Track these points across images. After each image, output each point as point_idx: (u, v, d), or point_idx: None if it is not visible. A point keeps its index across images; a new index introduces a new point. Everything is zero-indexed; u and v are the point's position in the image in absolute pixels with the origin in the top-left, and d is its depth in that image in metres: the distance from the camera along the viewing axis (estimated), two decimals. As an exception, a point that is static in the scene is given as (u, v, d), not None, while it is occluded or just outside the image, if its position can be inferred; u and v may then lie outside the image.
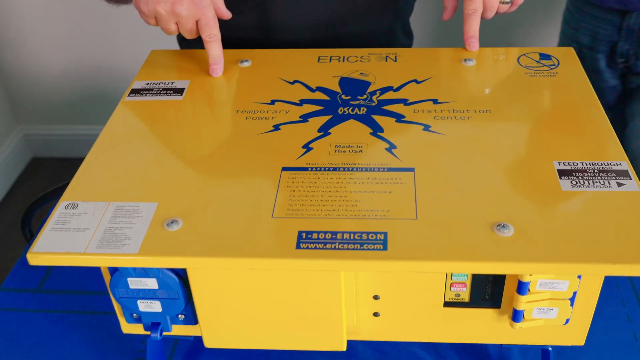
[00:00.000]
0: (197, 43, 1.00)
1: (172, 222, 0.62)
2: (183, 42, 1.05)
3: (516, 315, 0.64)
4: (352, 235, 0.60)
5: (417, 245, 0.59)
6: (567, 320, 0.65)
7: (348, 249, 0.59)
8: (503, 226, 0.60)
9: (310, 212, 0.63)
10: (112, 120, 0.77)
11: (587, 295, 0.64)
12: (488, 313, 0.66)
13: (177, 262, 0.60)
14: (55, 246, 0.61)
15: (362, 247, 0.59)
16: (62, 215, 0.64)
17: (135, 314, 0.69)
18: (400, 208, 0.63)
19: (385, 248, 0.59)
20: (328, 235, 0.61)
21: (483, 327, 0.67)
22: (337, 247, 0.60)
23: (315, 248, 0.59)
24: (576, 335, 0.67)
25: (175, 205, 0.65)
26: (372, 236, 0.60)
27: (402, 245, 0.59)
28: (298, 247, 0.60)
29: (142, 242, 0.61)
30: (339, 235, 0.61)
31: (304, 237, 0.61)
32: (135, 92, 0.82)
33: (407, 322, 0.68)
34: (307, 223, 0.62)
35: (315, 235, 0.61)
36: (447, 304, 0.66)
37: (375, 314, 0.67)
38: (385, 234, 0.60)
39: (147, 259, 0.60)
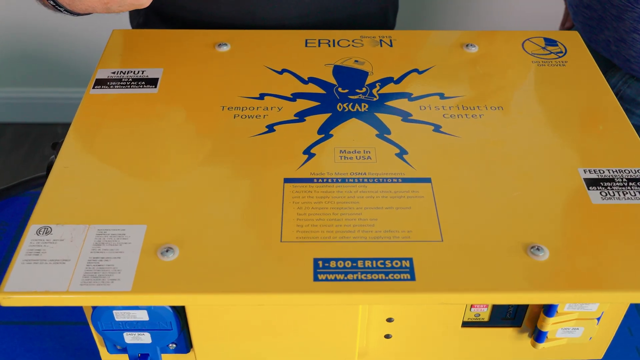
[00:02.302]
0: (156, 26, 0.89)
1: (167, 251, 0.54)
2: (141, 27, 0.93)
3: (540, 336, 0.60)
4: (374, 262, 0.54)
5: (448, 274, 0.53)
6: (591, 338, 0.61)
7: (372, 279, 0.53)
8: (537, 249, 0.55)
9: (324, 234, 0.56)
10: (78, 119, 0.67)
11: (614, 312, 0.60)
12: (507, 332, 0.62)
13: (177, 300, 0.53)
14: (31, 284, 0.52)
15: (387, 277, 0.53)
16: (35, 242, 0.55)
17: (119, 346, 0.61)
18: (423, 228, 0.57)
19: (413, 278, 0.53)
20: (348, 263, 0.54)
21: (501, 345, 0.63)
22: (359, 277, 0.53)
23: (335, 280, 0.53)
24: (596, 350, 0.64)
25: (167, 228, 0.56)
26: (396, 263, 0.54)
27: (430, 274, 0.54)
28: (316, 279, 0.53)
29: (135, 276, 0.53)
30: (359, 263, 0.54)
31: (320, 266, 0.54)
32: (100, 82, 0.71)
33: (421, 343, 0.63)
34: (322, 248, 0.55)
35: (333, 264, 0.54)
36: (465, 324, 0.61)
37: (387, 336, 0.62)
38: (411, 260, 0.54)
39: (142, 297, 0.52)
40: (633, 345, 0.75)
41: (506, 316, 0.61)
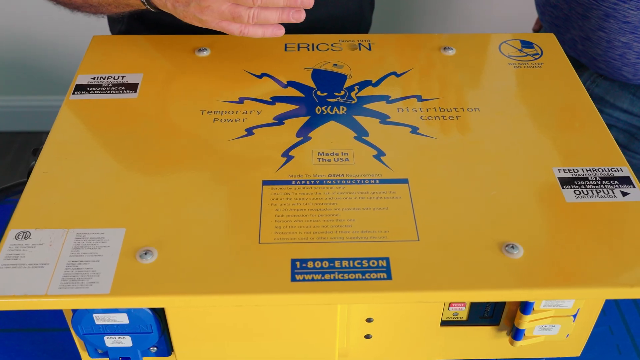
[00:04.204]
0: (139, 33, 0.89)
1: (145, 253, 0.55)
2: (123, 34, 0.93)
3: (517, 334, 0.61)
4: (351, 262, 0.55)
5: (424, 272, 0.54)
6: (568, 335, 0.62)
7: (349, 279, 0.54)
8: (512, 247, 0.56)
9: (301, 235, 0.57)
10: (57, 125, 0.67)
11: (590, 309, 0.61)
12: (486, 330, 0.63)
13: (155, 302, 0.53)
14: (10, 287, 0.52)
15: (364, 277, 0.54)
16: (13, 247, 0.56)
17: (100, 350, 0.61)
18: (400, 228, 0.57)
19: (389, 277, 0.54)
20: (325, 264, 0.55)
21: (480, 344, 0.64)
22: (336, 277, 0.54)
23: (313, 280, 0.53)
24: (573, 347, 0.65)
25: (146, 231, 0.57)
26: (373, 263, 0.55)
27: (407, 273, 0.54)
28: (293, 279, 0.53)
29: (114, 278, 0.53)
30: (337, 263, 0.55)
31: (298, 266, 0.54)
32: (80, 88, 0.72)
33: (401, 343, 0.63)
34: (299, 249, 0.56)
35: (310, 264, 0.55)
36: (444, 323, 0.62)
37: (367, 336, 0.62)
38: (387, 259, 0.55)
39: (121, 299, 0.53)
40: (614, 343, 0.76)
41: (484, 315, 0.62)
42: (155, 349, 0.61)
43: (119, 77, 0.73)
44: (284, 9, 0.69)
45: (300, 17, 0.69)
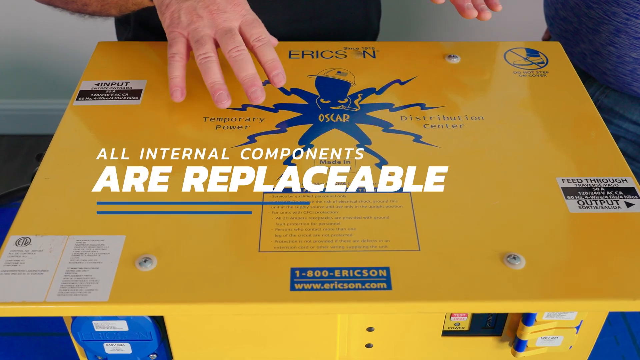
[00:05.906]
0: (146, 40, 0.90)
1: (145, 261, 0.55)
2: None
3: (520, 345, 0.60)
4: (351, 272, 0.54)
5: (424, 283, 0.54)
6: (571, 347, 0.61)
7: (349, 288, 0.53)
8: (514, 257, 0.55)
9: (302, 244, 0.57)
10: (60, 131, 0.67)
11: (593, 321, 0.60)
12: (488, 341, 0.62)
13: (154, 310, 0.53)
14: (9, 294, 0.52)
15: (363, 287, 0.53)
16: (13, 253, 0.56)
17: (100, 357, 0.61)
18: (401, 237, 0.57)
19: (389, 287, 0.53)
20: (325, 273, 0.54)
21: (482, 354, 0.63)
22: (336, 287, 0.53)
23: (312, 289, 0.53)
24: (576, 359, 0.64)
25: (146, 239, 0.57)
26: (373, 272, 0.54)
27: (407, 283, 0.54)
28: (292, 288, 0.53)
29: (112, 286, 0.53)
30: (336, 272, 0.54)
31: (297, 275, 0.54)
32: (84, 94, 0.72)
33: (401, 353, 0.63)
34: (299, 258, 0.55)
35: (310, 273, 0.54)
36: (445, 333, 0.61)
37: (368, 345, 0.62)
38: (388, 269, 0.55)
39: (119, 307, 0.52)
40: (619, 354, 0.75)
41: (486, 325, 0.61)
42: (154, 356, 0.61)
43: (122, 83, 0.73)
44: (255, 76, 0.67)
45: (279, 82, 0.68)
